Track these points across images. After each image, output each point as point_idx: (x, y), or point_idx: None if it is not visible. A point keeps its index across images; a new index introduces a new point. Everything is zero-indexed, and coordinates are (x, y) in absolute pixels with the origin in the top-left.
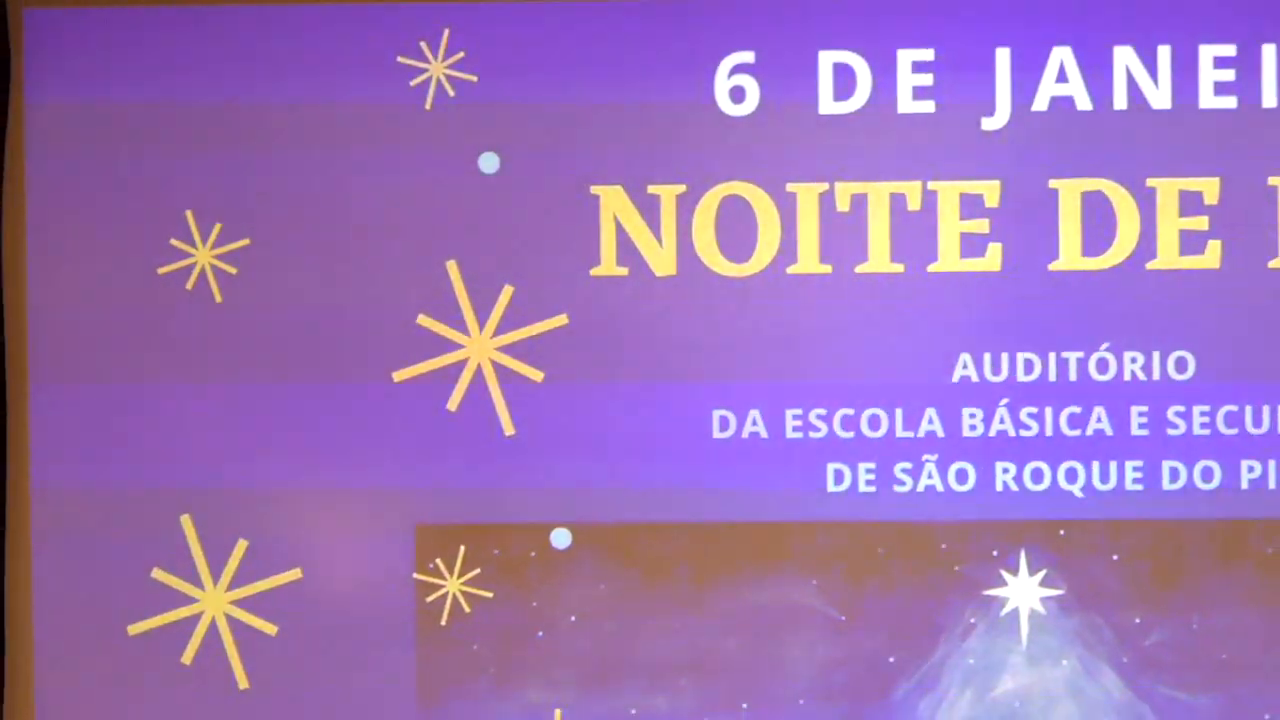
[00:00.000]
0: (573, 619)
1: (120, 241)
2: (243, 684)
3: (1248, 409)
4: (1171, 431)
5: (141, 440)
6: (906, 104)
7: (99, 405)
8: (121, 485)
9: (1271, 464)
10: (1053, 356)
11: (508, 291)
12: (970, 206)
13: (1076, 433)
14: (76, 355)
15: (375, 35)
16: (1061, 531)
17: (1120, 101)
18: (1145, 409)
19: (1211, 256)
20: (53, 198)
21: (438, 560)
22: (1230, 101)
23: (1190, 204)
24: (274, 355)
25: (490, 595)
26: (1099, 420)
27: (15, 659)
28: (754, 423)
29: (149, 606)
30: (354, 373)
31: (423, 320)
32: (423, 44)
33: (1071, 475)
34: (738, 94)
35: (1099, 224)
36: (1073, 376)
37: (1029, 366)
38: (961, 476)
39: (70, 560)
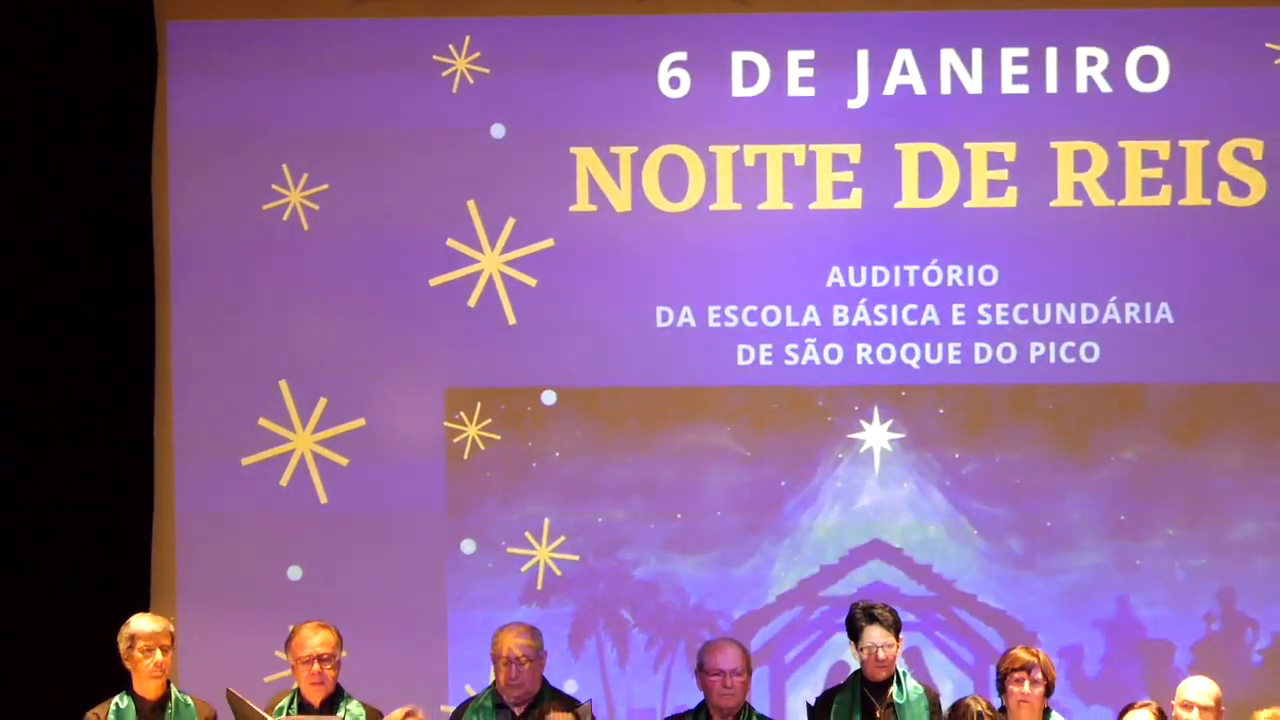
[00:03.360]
0: (557, 455)
1: (235, 187)
2: (323, 500)
3: (1035, 306)
4: (981, 322)
5: (252, 331)
6: (794, 89)
7: (222, 307)
8: (237, 357)
9: (1052, 344)
10: (897, 269)
11: (511, 222)
12: (840, 162)
13: (914, 323)
14: (207, 273)
15: (417, 41)
16: (903, 393)
17: (946, 88)
18: (963, 306)
19: (1010, 198)
20: (191, 162)
21: (461, 413)
22: (1024, 88)
23: (995, 161)
24: (345, 268)
25: (499, 438)
26: (930, 314)
27: (161, 485)
28: (686, 315)
29: (257, 445)
30: (402, 280)
31: (450, 242)
32: (451, 46)
33: (910, 353)
34: (675, 82)
35: (930, 175)
36: (911, 283)
37: (880, 276)
38: (833, 354)
39: (201, 413)
